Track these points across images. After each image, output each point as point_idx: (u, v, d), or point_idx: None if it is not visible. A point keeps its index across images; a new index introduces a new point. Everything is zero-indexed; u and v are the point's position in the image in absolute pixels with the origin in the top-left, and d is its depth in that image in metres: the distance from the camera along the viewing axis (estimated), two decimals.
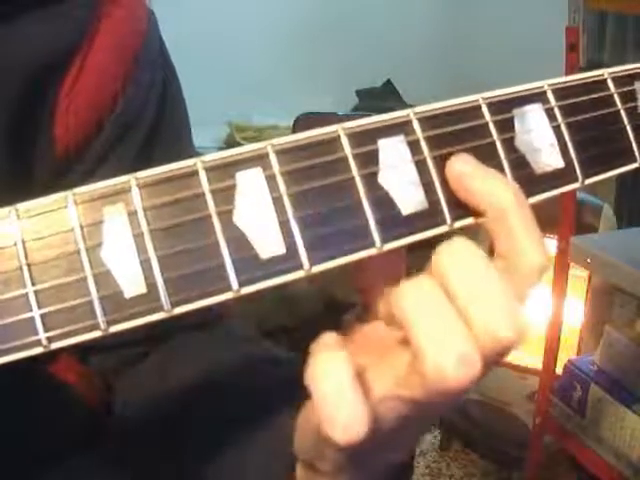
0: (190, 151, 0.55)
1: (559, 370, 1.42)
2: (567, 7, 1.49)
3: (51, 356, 0.27)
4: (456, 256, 0.27)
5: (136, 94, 0.48)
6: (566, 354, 1.50)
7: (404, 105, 2.53)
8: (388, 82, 2.63)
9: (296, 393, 0.32)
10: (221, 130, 2.28)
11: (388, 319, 0.30)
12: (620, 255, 1.24)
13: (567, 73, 1.32)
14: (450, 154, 0.29)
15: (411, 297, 0.27)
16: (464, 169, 0.29)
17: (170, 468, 0.47)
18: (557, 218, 1.36)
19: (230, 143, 2.25)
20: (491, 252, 0.28)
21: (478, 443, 1.68)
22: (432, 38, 2.63)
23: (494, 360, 0.27)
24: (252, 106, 2.34)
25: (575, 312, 1.57)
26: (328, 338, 0.29)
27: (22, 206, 0.26)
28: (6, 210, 0.26)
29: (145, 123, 0.49)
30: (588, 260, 1.29)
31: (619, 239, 1.38)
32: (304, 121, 1.95)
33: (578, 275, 1.53)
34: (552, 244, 1.37)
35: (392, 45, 2.56)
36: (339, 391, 0.26)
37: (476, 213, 0.29)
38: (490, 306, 0.26)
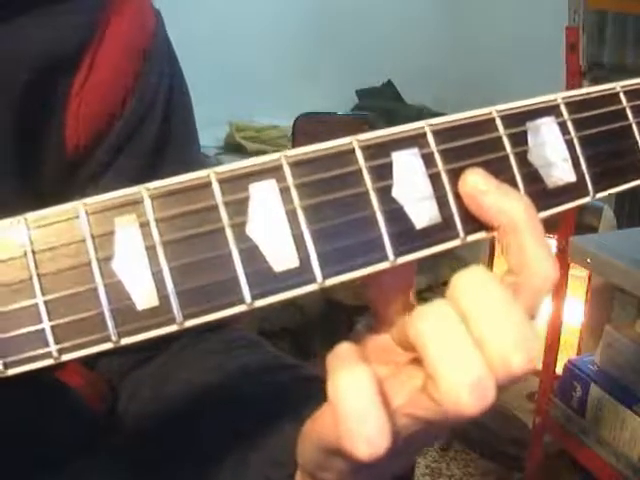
0: (198, 151, 0.55)
1: (559, 370, 1.42)
2: (567, 7, 1.49)
3: (60, 364, 0.26)
4: (473, 283, 0.27)
5: (145, 92, 0.48)
6: (566, 354, 1.50)
7: (404, 105, 2.53)
8: (388, 82, 2.62)
9: (301, 400, 0.32)
10: (221, 130, 2.27)
11: (402, 343, 0.30)
12: (620, 255, 1.25)
13: (567, 73, 1.32)
14: (464, 167, 0.29)
15: (428, 321, 0.27)
16: (477, 184, 0.29)
17: (172, 473, 0.47)
18: (557, 218, 1.36)
19: (230, 143, 2.24)
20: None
21: (478, 443, 1.69)
22: (432, 38, 2.63)
23: (506, 385, 0.27)
24: (252, 106, 2.33)
25: (575, 312, 1.57)
26: (346, 350, 0.28)
27: (31, 216, 0.26)
28: (15, 220, 0.26)
29: (154, 121, 0.49)
30: (588, 260, 1.29)
31: (619, 239, 1.38)
32: (304, 121, 1.95)
33: (578, 275, 1.54)
34: (552, 244, 1.37)
35: (392, 45, 2.56)
36: (364, 407, 0.26)
37: (489, 227, 0.29)
38: (506, 334, 0.26)
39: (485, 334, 0.26)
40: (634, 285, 1.23)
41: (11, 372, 0.25)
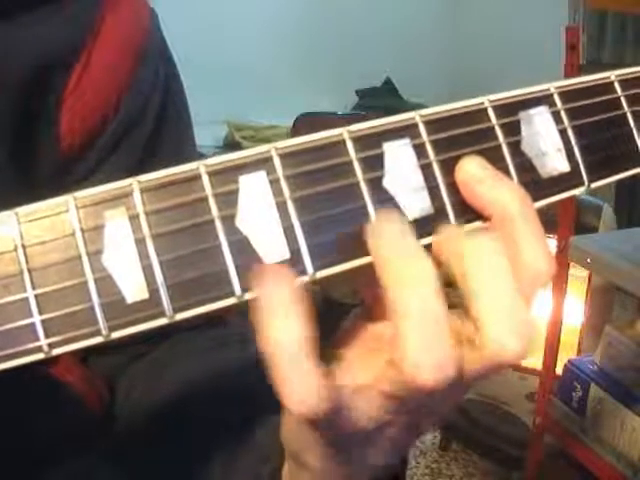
0: (193, 150, 0.55)
1: (559, 370, 1.42)
2: (567, 7, 1.50)
3: (52, 358, 0.26)
4: (486, 259, 0.27)
5: (140, 91, 0.48)
6: (566, 354, 1.50)
7: (404, 103, 2.53)
8: (388, 81, 2.63)
9: None
10: (221, 129, 2.28)
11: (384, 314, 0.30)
12: (620, 255, 1.25)
13: (567, 73, 1.32)
14: (456, 157, 0.29)
15: (409, 287, 0.26)
16: (473, 172, 0.28)
17: (167, 470, 0.47)
18: (557, 218, 1.36)
19: (229, 142, 2.25)
20: None
21: (478, 443, 1.69)
22: (432, 37, 2.63)
23: (494, 371, 0.27)
24: (251, 105, 2.34)
25: (575, 312, 1.58)
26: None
27: (23, 210, 0.26)
28: (6, 214, 0.26)
29: (149, 119, 0.49)
30: (588, 260, 1.30)
31: (619, 239, 1.38)
32: (304, 121, 1.95)
33: (578, 275, 1.54)
34: (552, 244, 1.37)
35: (391, 44, 2.56)
36: (292, 357, 0.25)
37: (482, 217, 0.29)
38: (507, 319, 0.26)
39: (485, 316, 0.26)
40: (634, 285, 1.24)
41: (2, 367, 0.25)
